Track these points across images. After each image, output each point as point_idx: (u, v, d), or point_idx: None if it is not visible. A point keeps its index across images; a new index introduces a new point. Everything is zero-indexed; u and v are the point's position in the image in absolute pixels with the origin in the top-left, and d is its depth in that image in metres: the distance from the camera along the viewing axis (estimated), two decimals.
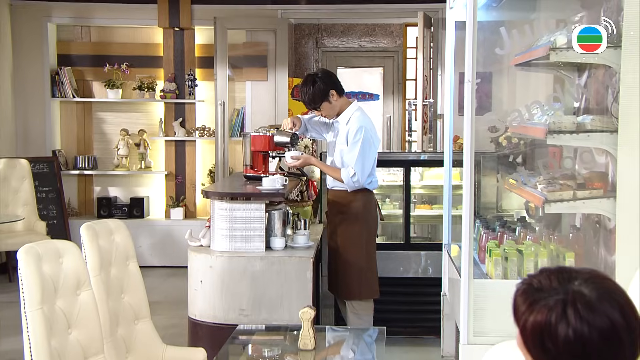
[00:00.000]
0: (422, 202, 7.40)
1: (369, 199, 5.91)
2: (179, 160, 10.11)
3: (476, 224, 5.16)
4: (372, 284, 5.89)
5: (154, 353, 4.37)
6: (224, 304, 5.46)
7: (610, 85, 4.53)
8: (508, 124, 5.46)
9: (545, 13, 5.16)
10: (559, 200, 4.45)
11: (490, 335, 4.33)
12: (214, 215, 5.63)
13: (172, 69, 9.98)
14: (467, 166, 4.55)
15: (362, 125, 5.68)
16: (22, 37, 9.81)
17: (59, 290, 3.50)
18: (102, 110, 10.18)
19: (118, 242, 4.31)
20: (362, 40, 11.27)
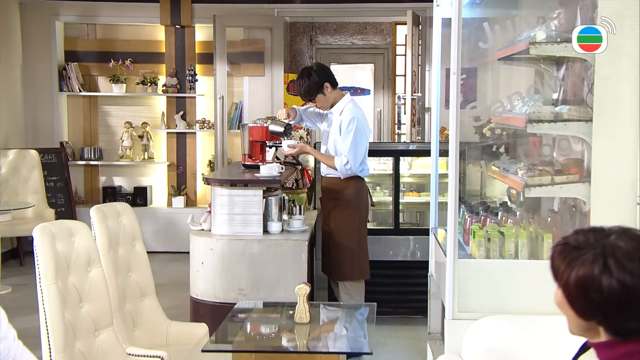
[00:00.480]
0: (410, 190, 7.40)
1: (361, 185, 5.95)
2: (180, 151, 10.14)
3: (461, 209, 5.17)
4: (363, 265, 5.93)
5: (159, 328, 4.44)
6: (224, 284, 5.49)
7: (585, 78, 4.58)
8: (491, 114, 5.52)
9: (526, 10, 5.17)
10: (538, 185, 4.51)
11: (474, 311, 4.36)
12: (215, 201, 5.67)
13: (173, 64, 10.01)
14: (452, 155, 4.56)
15: (355, 116, 5.72)
16: (31, 34, 9.83)
17: (71, 266, 3.57)
18: (107, 103, 10.22)
19: (125, 224, 4.38)
20: (353, 38, 11.27)
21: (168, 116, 10.07)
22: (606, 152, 4.33)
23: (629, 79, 4.26)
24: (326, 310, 4.74)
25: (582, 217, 4.63)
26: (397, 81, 11.25)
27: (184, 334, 4.52)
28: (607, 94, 4.29)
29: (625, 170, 4.30)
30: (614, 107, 4.30)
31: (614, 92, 4.28)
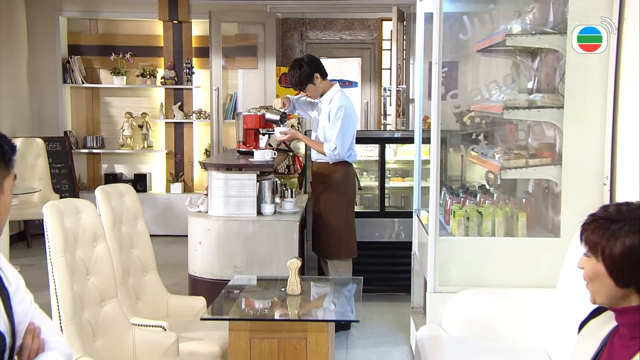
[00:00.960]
0: (395, 175, 7.42)
1: (349, 170, 6.00)
2: (177, 140, 10.15)
3: (442, 191, 5.25)
4: (350, 245, 6.00)
5: (160, 300, 4.50)
6: (220, 262, 5.53)
7: (558, 68, 4.65)
8: (471, 102, 5.57)
9: (503, 4, 5.19)
10: (513, 167, 4.59)
11: (454, 285, 4.46)
12: (211, 185, 5.70)
13: (171, 58, 10.00)
14: (434, 142, 4.63)
15: (343, 105, 5.77)
16: (35, 29, 9.83)
17: (79, 241, 3.61)
18: (109, 95, 10.22)
19: (128, 204, 4.42)
20: (342, 33, 11.25)
21: (166, 107, 10.07)
22: (576, 136, 4.42)
23: (597, 69, 4.33)
24: (316, 284, 4.78)
25: (554, 198, 4.71)
26: (383, 74, 11.25)
27: (183, 306, 4.56)
28: (578, 83, 4.38)
29: (593, 153, 4.39)
30: (583, 95, 4.38)
31: (583, 82, 4.36)
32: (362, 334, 5.86)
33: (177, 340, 3.84)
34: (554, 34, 4.52)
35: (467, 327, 4.14)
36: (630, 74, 4.16)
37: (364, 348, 5.57)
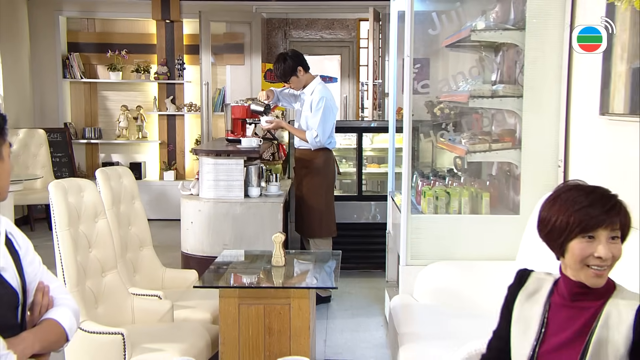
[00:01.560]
0: (371, 162, 7.45)
1: (329, 156, 6.05)
2: (170, 131, 10.14)
3: (414, 175, 5.29)
4: (330, 224, 6.06)
5: (156, 273, 4.53)
6: (210, 240, 5.59)
7: (518, 61, 4.73)
8: (440, 93, 5.63)
9: (469, 3, 5.23)
10: (478, 151, 4.69)
11: (424, 258, 4.54)
12: (202, 169, 5.74)
13: (164, 54, 9.99)
14: (406, 130, 4.69)
15: (324, 96, 5.82)
16: (37, 28, 9.79)
17: (81, 217, 3.65)
18: (106, 89, 10.19)
19: (126, 185, 4.45)
20: (323, 32, 11.16)
21: (159, 100, 10.05)
22: (534, 123, 4.52)
23: (552, 62, 4.45)
24: (298, 256, 4.82)
25: (514, 179, 4.81)
26: (361, 70, 11.22)
27: (177, 278, 4.59)
28: (535, 75, 4.48)
29: (549, 139, 4.49)
30: (540, 86, 4.49)
31: (540, 73, 4.47)
32: (341, 306, 5.93)
33: (171, 308, 3.89)
34: (514, 30, 4.61)
35: (436, 296, 4.21)
36: (581, 67, 4.24)
37: (342, 318, 5.63)
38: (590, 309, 2.22)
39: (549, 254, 2.41)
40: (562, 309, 2.29)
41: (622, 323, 2.16)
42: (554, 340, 2.28)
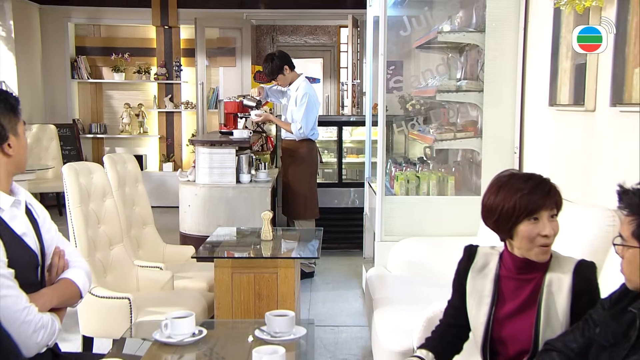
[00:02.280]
0: (351, 153, 7.49)
1: (312, 146, 6.11)
2: (168, 127, 10.12)
3: (388, 162, 5.37)
4: (313, 207, 6.12)
5: (158, 249, 4.58)
6: (206, 221, 5.63)
7: (479, 60, 4.82)
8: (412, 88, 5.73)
9: (436, 9, 5.30)
10: (444, 139, 4.78)
11: (396, 234, 4.62)
12: (198, 158, 5.79)
13: (163, 57, 9.97)
14: (380, 123, 4.77)
15: (307, 92, 5.88)
16: (48, 33, 9.77)
17: (91, 196, 3.72)
18: (110, 89, 10.16)
19: (130, 169, 4.49)
20: (307, 38, 11.15)
21: (159, 99, 10.03)
22: (493, 115, 4.61)
23: (508, 61, 4.54)
24: (285, 232, 4.88)
25: (476, 165, 4.91)
26: (341, 72, 11.24)
27: (176, 253, 4.64)
28: (494, 72, 4.57)
29: (506, 128, 4.59)
30: (498, 81, 4.57)
31: (499, 70, 4.56)
32: (323, 281, 6.01)
33: (172, 278, 3.95)
34: (475, 32, 4.70)
35: (406, 267, 4.27)
36: (533, 65, 4.34)
37: (324, 291, 5.71)
38: (534, 279, 2.29)
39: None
40: (510, 280, 2.35)
41: (562, 287, 2.24)
42: (506, 309, 2.34)
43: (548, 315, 2.25)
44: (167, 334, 2.35)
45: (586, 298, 2.22)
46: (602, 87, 3.24)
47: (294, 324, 2.44)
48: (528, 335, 2.27)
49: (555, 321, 2.25)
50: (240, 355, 2.18)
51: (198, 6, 9.85)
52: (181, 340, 2.33)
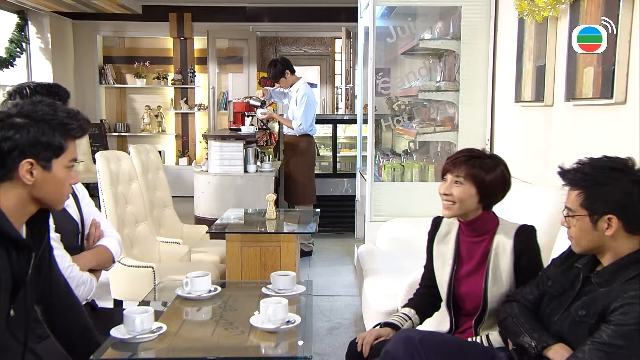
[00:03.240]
0: (344, 147, 7.53)
1: (310, 141, 6.17)
2: (184, 126, 10.17)
3: (377, 154, 5.44)
4: (311, 194, 6.17)
5: (176, 227, 4.67)
6: (217, 205, 5.63)
7: (455, 64, 4.87)
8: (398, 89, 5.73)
9: (419, 20, 5.35)
10: (425, 133, 4.87)
11: (383, 215, 4.69)
12: (210, 150, 5.82)
13: (179, 65, 10.02)
14: (370, 121, 4.84)
15: (306, 93, 5.94)
16: (80, 44, 9.82)
17: (119, 180, 3.81)
18: (133, 93, 10.21)
19: (152, 158, 4.58)
20: (305, 48, 11.19)
21: (175, 101, 10.08)
22: (467, 112, 4.69)
23: (480, 64, 4.63)
24: (286, 212, 4.93)
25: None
26: (336, 78, 11.28)
27: (192, 232, 4.73)
28: (468, 74, 4.65)
29: (479, 123, 4.67)
30: (472, 83, 4.65)
31: (472, 73, 4.64)
32: (320, 258, 6.08)
33: (189, 251, 4.04)
34: (452, 40, 4.77)
35: (392, 244, 4.34)
36: (501, 68, 4.41)
37: (321, 267, 5.78)
38: (483, 241, 2.38)
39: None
40: (465, 244, 2.44)
41: (506, 249, 2.32)
42: (464, 269, 2.42)
43: (495, 274, 2.32)
44: (187, 290, 2.45)
45: (526, 258, 2.31)
46: (558, 85, 3.32)
47: (295, 283, 2.55)
48: (480, 291, 2.35)
49: (501, 279, 2.32)
50: (249, 307, 2.28)
51: (210, 20, 9.88)
52: (199, 295, 2.43)
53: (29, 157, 1.64)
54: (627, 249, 1.89)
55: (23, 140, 1.62)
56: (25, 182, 1.65)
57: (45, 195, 1.70)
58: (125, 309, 2.12)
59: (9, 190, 1.65)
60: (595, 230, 1.89)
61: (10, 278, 1.61)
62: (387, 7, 5.20)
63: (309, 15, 9.86)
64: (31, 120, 1.64)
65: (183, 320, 2.24)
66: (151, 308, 2.09)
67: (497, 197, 2.39)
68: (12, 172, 1.63)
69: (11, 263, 1.61)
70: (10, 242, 1.61)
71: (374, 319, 3.22)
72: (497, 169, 2.36)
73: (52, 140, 1.67)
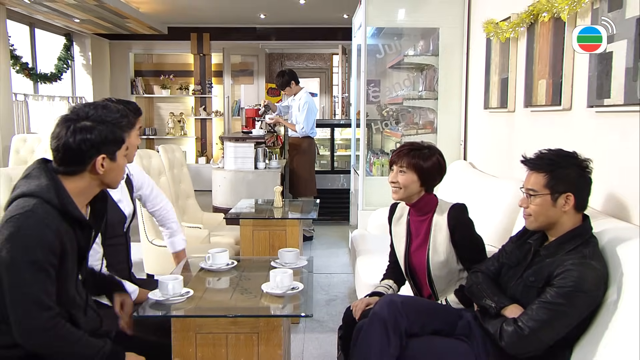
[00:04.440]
0: (341, 148, 7.52)
1: (312, 142, 6.21)
2: (202, 130, 10.18)
3: (368, 153, 5.48)
4: (312, 188, 6.21)
5: (197, 215, 4.72)
6: (232, 197, 5.64)
7: (435, 76, 4.92)
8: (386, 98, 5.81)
9: (404, 39, 5.38)
10: (409, 134, 4.88)
11: (374, 205, 4.76)
12: (226, 150, 5.88)
13: (198, 77, 10.05)
14: (362, 125, 4.90)
15: (307, 101, 5.99)
16: (115, 60, 9.88)
17: (150, 174, 3.87)
18: (159, 101, 10.22)
19: (177, 156, 4.64)
20: (307, 62, 11.22)
21: (195, 108, 10.10)
22: (445, 117, 4.74)
23: (456, 77, 4.67)
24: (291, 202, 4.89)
25: None
26: (334, 88, 11.31)
27: (210, 219, 4.78)
28: (446, 85, 4.70)
29: (454, 127, 4.71)
30: (448, 92, 4.70)
31: (449, 84, 4.69)
32: (320, 242, 6.09)
33: (208, 234, 4.11)
34: (432, 56, 4.83)
35: (380, 229, 4.32)
36: (473, 79, 4.47)
37: (321, 249, 5.79)
38: (426, 220, 2.44)
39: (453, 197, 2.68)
40: (414, 223, 2.51)
41: (442, 225, 2.39)
42: (414, 244, 2.49)
43: (434, 246, 2.39)
44: (209, 263, 2.55)
45: (459, 232, 2.36)
46: (518, 95, 3.39)
47: (298, 258, 2.64)
48: (425, 262, 2.43)
49: (440, 251, 2.38)
50: (261, 276, 2.37)
51: (225, 39, 9.92)
52: (219, 268, 2.52)
53: (102, 153, 1.74)
54: (570, 225, 1.98)
55: (97, 140, 1.73)
56: (97, 172, 1.75)
57: (110, 180, 1.80)
58: (158, 279, 2.21)
59: (82, 179, 1.76)
60: (554, 206, 1.96)
61: (76, 250, 1.74)
62: (376, 28, 5.23)
63: (310, 35, 9.91)
64: (97, 122, 1.74)
65: (206, 287, 2.33)
66: (181, 276, 2.19)
67: (436, 180, 2.44)
68: (87, 166, 1.74)
69: (77, 238, 1.74)
70: (75, 221, 1.73)
71: (365, 290, 3.24)
72: (433, 157, 2.41)
73: (116, 136, 1.77)
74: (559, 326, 1.86)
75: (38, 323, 1.60)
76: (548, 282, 1.91)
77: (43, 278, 1.60)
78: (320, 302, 4.17)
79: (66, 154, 1.72)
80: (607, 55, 2.32)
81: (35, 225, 1.61)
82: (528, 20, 3.06)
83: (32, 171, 1.74)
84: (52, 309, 1.63)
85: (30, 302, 1.59)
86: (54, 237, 1.63)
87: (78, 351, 1.68)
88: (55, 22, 8.20)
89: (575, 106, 2.69)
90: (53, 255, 1.62)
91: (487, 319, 2.07)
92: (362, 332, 2.17)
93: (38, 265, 1.59)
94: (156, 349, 2.00)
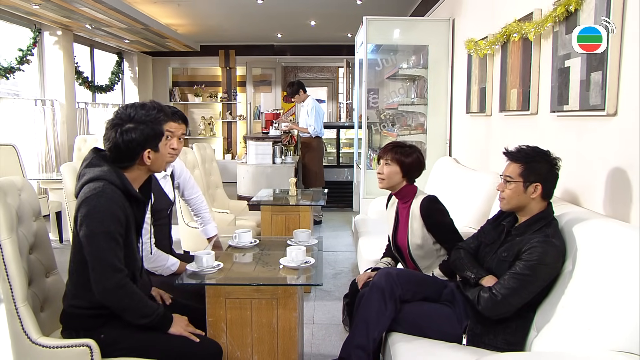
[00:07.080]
0: (345, 145, 7.46)
1: (321, 141, 6.18)
2: (229, 131, 10.17)
3: (368, 151, 5.40)
4: (321, 180, 6.18)
5: (225, 202, 4.65)
6: (254, 187, 5.64)
7: (425, 85, 4.86)
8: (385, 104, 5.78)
9: (399, 54, 5.36)
10: (403, 135, 4.87)
11: (373, 194, 4.73)
12: (248, 148, 5.88)
13: (225, 87, 10.05)
14: (363, 127, 4.89)
15: (314, 106, 5.96)
16: (156, 73, 9.93)
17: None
18: (192, 107, 10.21)
19: (208, 152, 4.62)
20: (317, 74, 11.19)
21: (223, 113, 10.11)
22: (434, 120, 4.70)
23: (443, 86, 4.63)
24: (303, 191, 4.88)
25: (423, 152, 5.01)
26: (339, 96, 11.26)
27: (236, 205, 4.74)
28: (435, 93, 4.67)
29: (441, 128, 4.68)
30: (436, 99, 4.66)
31: (437, 92, 4.66)
32: (327, 226, 6.08)
33: (234, 218, 4.11)
34: (422, 68, 4.79)
35: (379, 215, 4.29)
36: (457, 88, 4.44)
37: (329, 232, 5.77)
38: (407, 206, 2.44)
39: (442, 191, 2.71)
40: (400, 209, 2.51)
41: (416, 213, 2.38)
42: (400, 227, 2.50)
43: (412, 229, 2.40)
44: (236, 241, 2.56)
45: (430, 220, 2.37)
46: (494, 101, 3.39)
47: (310, 237, 2.65)
48: (406, 242, 2.44)
49: (417, 236, 2.39)
50: (279, 252, 2.39)
51: (248, 54, 9.92)
52: (244, 245, 2.54)
53: (147, 148, 1.79)
54: (537, 210, 1.99)
55: (140, 139, 1.77)
56: (145, 163, 1.81)
57: (156, 167, 1.85)
58: (194, 254, 2.26)
59: (134, 170, 1.82)
60: (525, 193, 1.97)
61: (134, 222, 1.81)
62: (375, 45, 5.20)
63: (319, 51, 9.91)
64: (138, 123, 1.78)
65: (233, 261, 2.36)
66: (213, 252, 2.24)
67: (415, 173, 2.45)
68: (136, 160, 1.80)
69: (134, 212, 1.80)
70: (133, 199, 1.79)
71: (366, 265, 3.28)
72: (413, 155, 2.43)
73: (155, 132, 1.80)
74: (526, 293, 1.89)
75: (112, 282, 1.68)
76: (517, 257, 1.93)
77: (114, 246, 1.68)
78: (327, 276, 4.19)
79: (118, 153, 1.77)
80: (566, 69, 2.33)
81: (106, 203, 1.67)
82: (502, 40, 3.06)
83: (92, 160, 1.79)
84: (122, 270, 1.71)
85: (107, 266, 1.67)
86: (120, 211, 1.70)
87: (141, 309, 1.76)
88: (109, 43, 8.34)
89: (540, 111, 2.69)
90: (121, 227, 1.70)
91: (467, 287, 2.10)
92: (363, 299, 2.20)
93: (111, 235, 1.67)
94: (194, 312, 2.05)
